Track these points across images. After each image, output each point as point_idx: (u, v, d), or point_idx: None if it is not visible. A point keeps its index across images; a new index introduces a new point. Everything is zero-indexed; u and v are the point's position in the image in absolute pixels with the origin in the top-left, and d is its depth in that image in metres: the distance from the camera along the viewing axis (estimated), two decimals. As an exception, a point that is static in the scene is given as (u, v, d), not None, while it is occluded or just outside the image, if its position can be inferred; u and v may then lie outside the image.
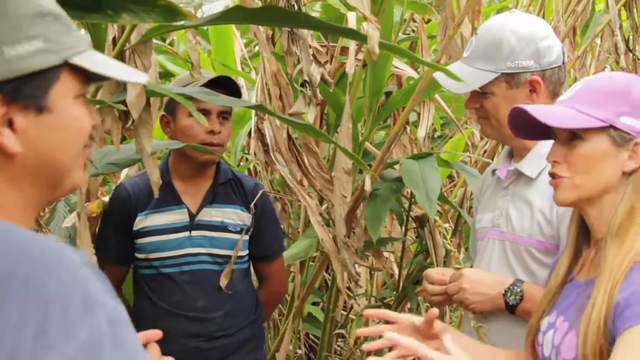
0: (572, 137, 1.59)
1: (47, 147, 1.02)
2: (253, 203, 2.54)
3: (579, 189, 1.59)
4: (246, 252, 2.55)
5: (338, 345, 4.77)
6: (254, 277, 2.77)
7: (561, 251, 1.73)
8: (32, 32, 0.99)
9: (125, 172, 3.10)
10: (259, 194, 2.56)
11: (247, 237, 2.54)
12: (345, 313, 4.59)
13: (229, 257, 2.49)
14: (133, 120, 1.85)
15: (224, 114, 2.46)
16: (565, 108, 1.61)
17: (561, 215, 1.90)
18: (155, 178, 1.98)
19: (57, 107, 1.02)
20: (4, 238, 0.92)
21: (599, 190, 1.57)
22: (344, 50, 3.01)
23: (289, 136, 2.80)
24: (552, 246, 1.94)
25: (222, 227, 2.49)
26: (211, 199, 2.50)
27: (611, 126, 1.54)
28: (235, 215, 2.52)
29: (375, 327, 1.99)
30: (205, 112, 2.41)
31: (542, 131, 1.65)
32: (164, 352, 2.42)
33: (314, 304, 4.26)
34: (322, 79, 2.41)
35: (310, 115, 2.46)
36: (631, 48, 4.07)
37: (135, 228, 2.47)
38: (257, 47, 4.48)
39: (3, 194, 1.00)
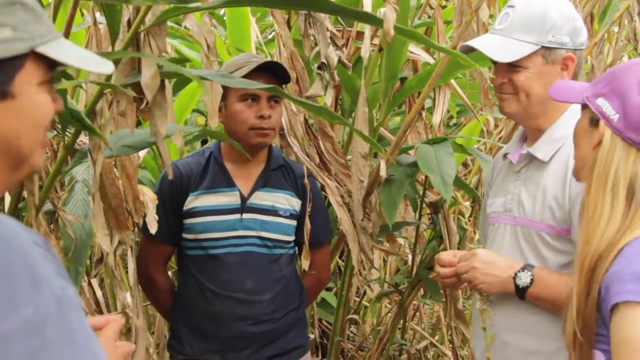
0: None
1: (8, 132, 1.03)
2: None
3: (575, 163, 1.69)
4: (293, 237, 2.57)
5: (351, 331, 4.79)
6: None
7: None
8: (0, 21, 1.01)
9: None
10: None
11: (294, 223, 2.56)
12: (358, 299, 4.60)
13: (279, 241, 2.51)
14: (147, 102, 1.85)
15: (274, 98, 2.45)
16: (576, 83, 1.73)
17: (573, 199, 1.90)
18: (167, 160, 1.99)
19: (21, 93, 1.03)
20: None
21: (585, 167, 1.61)
22: (360, 35, 3.00)
23: (306, 120, 2.80)
24: (563, 231, 1.94)
25: (273, 212, 2.51)
26: (263, 183, 2.52)
27: (587, 106, 1.59)
28: (286, 200, 2.54)
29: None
30: (255, 97, 2.43)
31: None
32: (212, 335, 2.48)
33: (328, 289, 4.27)
34: (340, 61, 2.40)
35: (328, 98, 2.46)
36: (650, 35, 4.03)
37: (185, 208, 2.49)
38: (272, 34, 4.47)
39: None
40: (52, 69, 1.08)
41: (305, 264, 2.57)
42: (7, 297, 0.86)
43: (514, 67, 2.00)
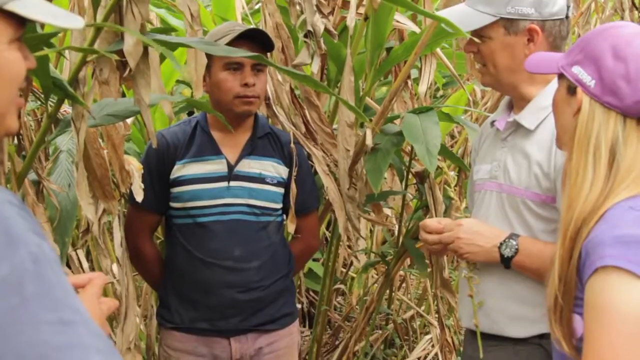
0: None
1: None
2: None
3: (557, 134, 1.68)
4: (281, 205, 2.57)
5: (337, 302, 4.82)
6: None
7: None
8: None
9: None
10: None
11: (282, 190, 2.56)
12: (344, 270, 4.63)
13: (266, 208, 2.52)
14: (130, 70, 1.84)
15: (258, 66, 2.45)
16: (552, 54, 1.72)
17: (559, 168, 1.91)
18: (151, 128, 1.97)
19: None
20: None
21: (567, 137, 1.61)
22: (345, 4, 2.98)
23: (292, 89, 2.79)
24: (548, 199, 1.95)
25: (260, 179, 2.51)
26: (250, 151, 2.52)
27: (564, 75, 1.60)
28: (273, 168, 2.54)
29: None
30: (239, 66, 2.43)
31: None
32: (201, 303, 2.49)
33: (315, 259, 4.29)
34: (326, 29, 2.39)
35: (314, 66, 2.45)
36: (637, 5, 4.03)
37: (172, 176, 2.49)
38: (258, 5, 4.43)
39: None
40: (22, 26, 1.06)
41: (291, 227, 2.58)
42: None
43: (480, 37, 2.02)
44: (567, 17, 2.04)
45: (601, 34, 1.56)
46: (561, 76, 1.62)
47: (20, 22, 1.05)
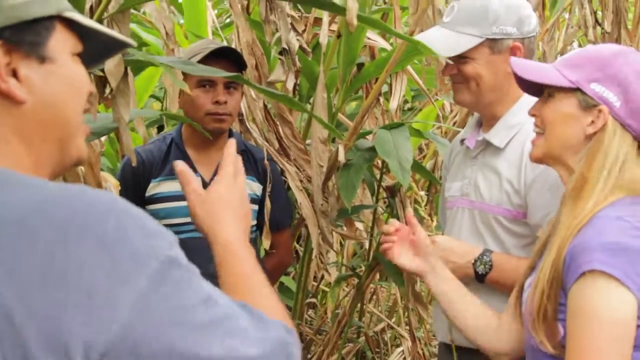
0: (548, 94, 1.67)
1: (52, 97, 1.00)
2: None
3: (544, 146, 1.67)
4: (255, 222, 2.59)
5: (309, 315, 4.83)
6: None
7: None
8: None
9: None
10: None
11: (256, 207, 2.57)
12: (315, 284, 4.64)
13: None
14: (111, 90, 1.85)
15: (232, 84, 2.48)
16: (547, 65, 1.71)
17: (529, 184, 1.96)
18: (130, 146, 1.99)
19: (57, 58, 1.01)
20: (45, 187, 0.91)
21: (562, 149, 1.64)
22: (317, 21, 3.02)
23: (265, 106, 2.81)
24: (519, 214, 1.99)
25: None
26: None
27: (579, 90, 1.61)
28: (247, 186, 2.53)
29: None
30: (211, 83, 2.46)
31: (537, 88, 1.72)
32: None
33: (286, 274, 4.30)
34: (301, 47, 2.42)
35: (289, 83, 2.48)
36: (599, 22, 4.12)
37: (148, 194, 2.50)
38: (228, 19, 4.46)
39: (15, 150, 0.98)
40: (80, 42, 1.05)
41: (266, 243, 2.60)
42: (129, 253, 0.87)
43: (461, 58, 2.05)
44: (536, 33, 2.11)
45: (623, 57, 1.61)
46: (564, 90, 1.63)
47: (77, 37, 1.05)
